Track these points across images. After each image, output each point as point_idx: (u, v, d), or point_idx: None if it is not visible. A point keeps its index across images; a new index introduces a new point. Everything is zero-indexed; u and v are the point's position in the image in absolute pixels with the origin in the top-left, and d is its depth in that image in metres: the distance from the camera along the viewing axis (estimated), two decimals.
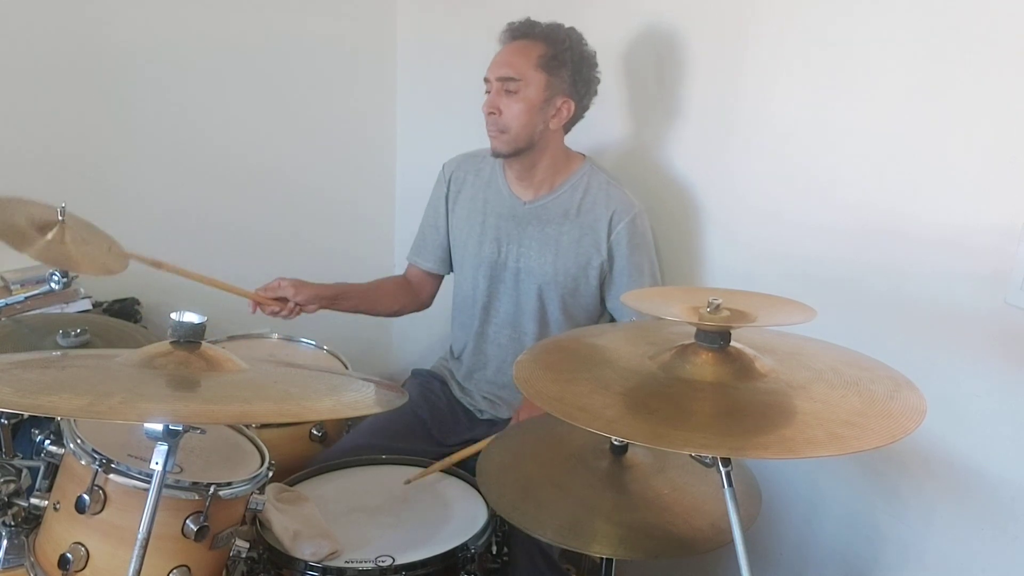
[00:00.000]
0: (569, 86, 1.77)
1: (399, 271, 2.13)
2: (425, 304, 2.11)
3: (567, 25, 1.80)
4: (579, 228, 1.83)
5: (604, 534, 1.22)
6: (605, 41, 1.85)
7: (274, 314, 1.87)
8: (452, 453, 1.74)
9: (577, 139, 1.88)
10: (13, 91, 2.14)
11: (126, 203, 2.29)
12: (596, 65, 1.81)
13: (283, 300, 1.86)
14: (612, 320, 1.94)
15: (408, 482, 1.59)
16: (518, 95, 1.75)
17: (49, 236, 1.56)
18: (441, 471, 1.63)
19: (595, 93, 1.83)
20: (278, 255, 2.62)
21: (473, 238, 1.94)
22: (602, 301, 1.90)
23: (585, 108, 1.83)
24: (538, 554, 1.58)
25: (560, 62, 1.75)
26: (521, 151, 1.80)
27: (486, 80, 1.80)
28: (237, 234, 2.54)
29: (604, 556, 1.30)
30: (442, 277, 2.09)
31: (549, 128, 1.79)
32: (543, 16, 1.82)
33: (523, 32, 1.79)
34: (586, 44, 1.80)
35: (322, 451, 1.80)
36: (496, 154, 1.82)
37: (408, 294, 2.08)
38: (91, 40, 2.22)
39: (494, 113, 1.77)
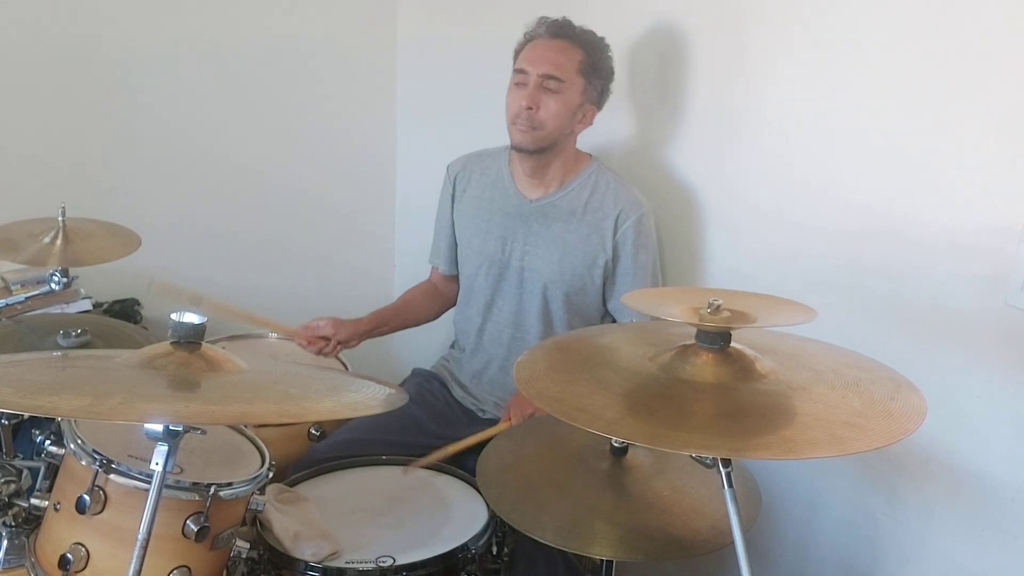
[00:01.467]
0: (597, 95, 1.80)
1: (399, 277, 2.13)
2: (454, 302, 2.12)
3: (599, 35, 1.81)
4: (586, 226, 1.83)
5: (604, 535, 1.22)
6: (609, 39, 1.85)
7: (319, 352, 1.91)
8: (448, 443, 1.75)
9: (584, 139, 1.89)
10: (13, 97, 2.14)
11: (125, 210, 2.25)
12: (614, 79, 1.84)
13: (325, 339, 1.91)
14: (612, 320, 1.94)
15: (406, 472, 1.60)
16: (559, 95, 1.75)
17: (57, 241, 1.62)
18: (441, 470, 1.63)
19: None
20: (278, 261, 2.62)
21: (478, 235, 1.94)
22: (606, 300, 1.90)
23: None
24: (543, 555, 1.58)
25: (596, 72, 1.78)
26: (544, 149, 1.80)
27: (522, 71, 1.77)
28: (236, 240, 2.54)
29: (604, 558, 1.30)
30: None
31: (573, 132, 1.82)
32: (546, 13, 1.82)
33: (564, 33, 1.78)
34: (612, 57, 1.82)
35: (313, 445, 1.80)
36: (519, 148, 1.80)
37: (438, 298, 2.11)
38: (89, 45, 2.21)
39: (532, 108, 1.75)
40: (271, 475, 1.33)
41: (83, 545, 1.17)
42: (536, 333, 1.90)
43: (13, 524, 1.29)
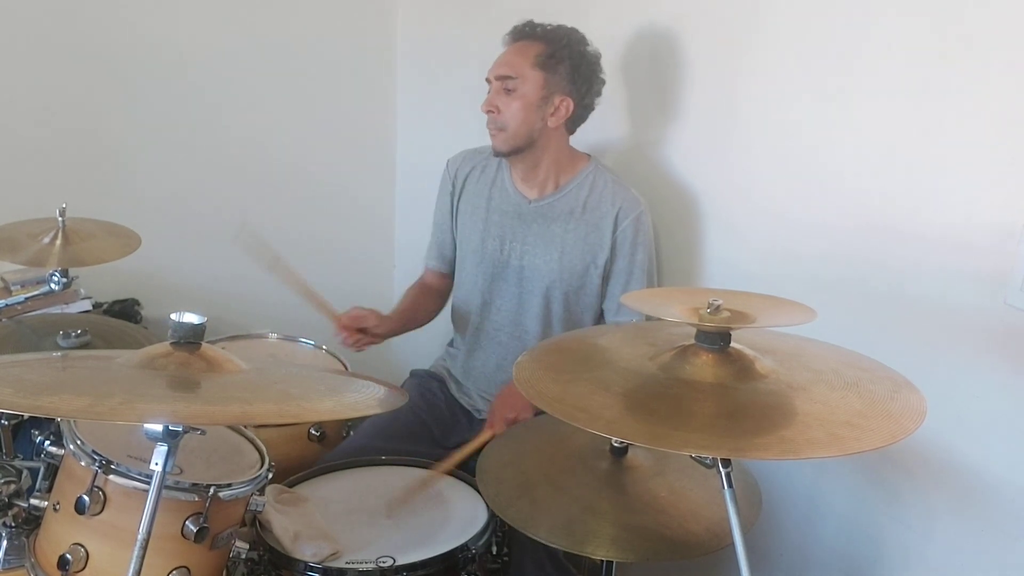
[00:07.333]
0: (568, 84, 1.78)
1: (399, 266, 2.13)
2: (447, 301, 2.12)
3: (569, 26, 1.81)
4: (584, 226, 1.83)
5: (597, 535, 1.22)
6: (608, 40, 1.86)
7: (351, 343, 1.85)
8: (451, 454, 1.74)
9: (580, 138, 1.88)
10: (13, 97, 2.14)
11: (129, 197, 2.29)
12: (598, 65, 1.82)
13: (363, 331, 1.86)
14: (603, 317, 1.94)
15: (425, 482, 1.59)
16: (515, 93, 1.76)
17: (57, 241, 1.62)
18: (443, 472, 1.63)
19: (598, 93, 1.83)
20: (279, 245, 2.61)
21: (476, 235, 1.94)
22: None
23: (588, 107, 1.83)
24: (544, 555, 1.58)
25: (557, 60, 1.76)
26: (520, 149, 1.80)
27: (487, 80, 1.81)
28: (238, 224, 2.54)
29: (596, 557, 1.30)
30: None
31: (548, 126, 1.79)
32: (544, 14, 1.83)
33: (524, 33, 1.81)
34: (588, 45, 1.81)
35: (323, 453, 1.80)
36: (496, 153, 1.83)
37: (436, 297, 2.10)
38: (99, 35, 2.22)
39: (492, 111, 1.78)
40: (271, 476, 1.33)
41: (82, 546, 1.17)
42: (535, 333, 1.90)
43: (13, 524, 1.29)
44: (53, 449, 1.27)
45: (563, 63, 1.77)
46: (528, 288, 1.89)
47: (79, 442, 1.19)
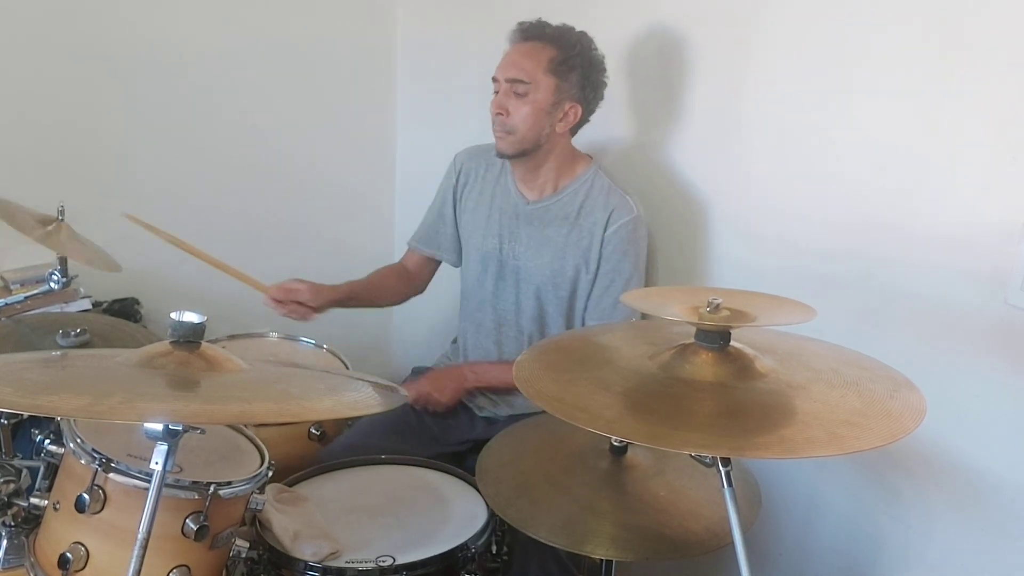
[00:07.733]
0: (578, 91, 1.76)
1: (399, 258, 2.13)
2: (420, 290, 2.14)
3: (578, 29, 1.79)
4: (578, 231, 1.82)
5: (597, 534, 1.22)
6: (610, 40, 1.85)
7: (285, 313, 1.87)
8: (453, 452, 1.73)
9: (584, 138, 1.88)
10: (12, 96, 2.14)
11: (129, 196, 2.29)
12: (604, 71, 1.81)
13: (299, 303, 1.87)
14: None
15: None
16: (527, 98, 1.74)
17: (50, 227, 1.63)
18: (443, 470, 1.63)
19: (601, 98, 1.82)
20: (279, 243, 2.63)
21: (478, 231, 1.94)
22: None
23: (591, 112, 1.82)
24: (548, 555, 1.58)
25: (570, 67, 1.74)
26: (526, 153, 1.79)
27: (495, 79, 1.79)
28: (239, 221, 2.55)
29: (596, 556, 1.30)
30: (439, 264, 2.10)
31: (555, 132, 1.78)
32: (543, 13, 1.82)
33: (534, 34, 1.78)
34: (596, 49, 1.79)
35: (319, 449, 1.80)
36: (500, 155, 1.82)
37: (406, 282, 2.11)
38: (99, 34, 2.22)
39: (502, 114, 1.76)
40: (271, 474, 1.33)
41: (83, 544, 1.17)
42: (530, 333, 1.90)
43: (13, 524, 1.29)
44: (53, 448, 1.26)
45: (575, 70, 1.75)
46: (524, 288, 1.89)
47: (79, 441, 1.19)
